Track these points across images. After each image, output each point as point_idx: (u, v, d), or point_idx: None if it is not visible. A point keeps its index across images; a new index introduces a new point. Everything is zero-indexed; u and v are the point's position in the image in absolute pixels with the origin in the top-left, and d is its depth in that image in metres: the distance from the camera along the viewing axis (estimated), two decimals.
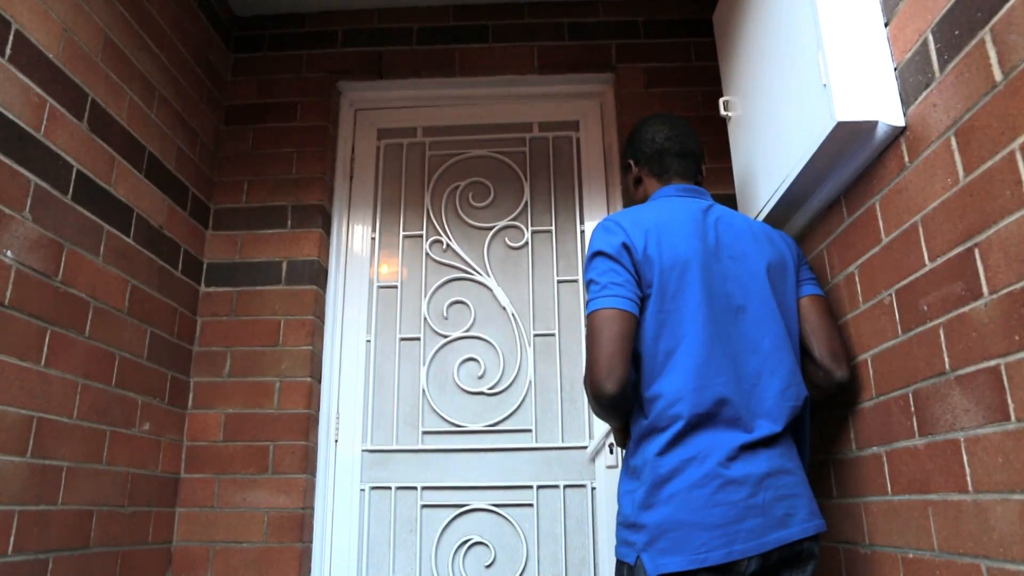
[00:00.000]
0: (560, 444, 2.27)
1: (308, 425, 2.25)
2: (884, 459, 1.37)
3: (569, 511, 2.21)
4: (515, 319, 2.40)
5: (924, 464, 1.22)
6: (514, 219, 2.51)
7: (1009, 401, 1.00)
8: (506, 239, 2.50)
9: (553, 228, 2.48)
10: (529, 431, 2.30)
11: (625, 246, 1.35)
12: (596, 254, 1.38)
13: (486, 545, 2.20)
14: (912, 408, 1.26)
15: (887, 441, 1.35)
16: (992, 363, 1.03)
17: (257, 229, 2.43)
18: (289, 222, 2.43)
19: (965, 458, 1.11)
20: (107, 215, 1.83)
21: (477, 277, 2.46)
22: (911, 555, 1.27)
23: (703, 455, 1.25)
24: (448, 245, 2.50)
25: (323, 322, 2.42)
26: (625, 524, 1.29)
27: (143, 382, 1.97)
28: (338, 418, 2.36)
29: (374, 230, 2.55)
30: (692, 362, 1.29)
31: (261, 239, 2.42)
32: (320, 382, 2.36)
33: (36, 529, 1.54)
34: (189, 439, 2.23)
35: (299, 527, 2.15)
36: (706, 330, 1.31)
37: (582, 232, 2.47)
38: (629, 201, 2.37)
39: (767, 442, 1.29)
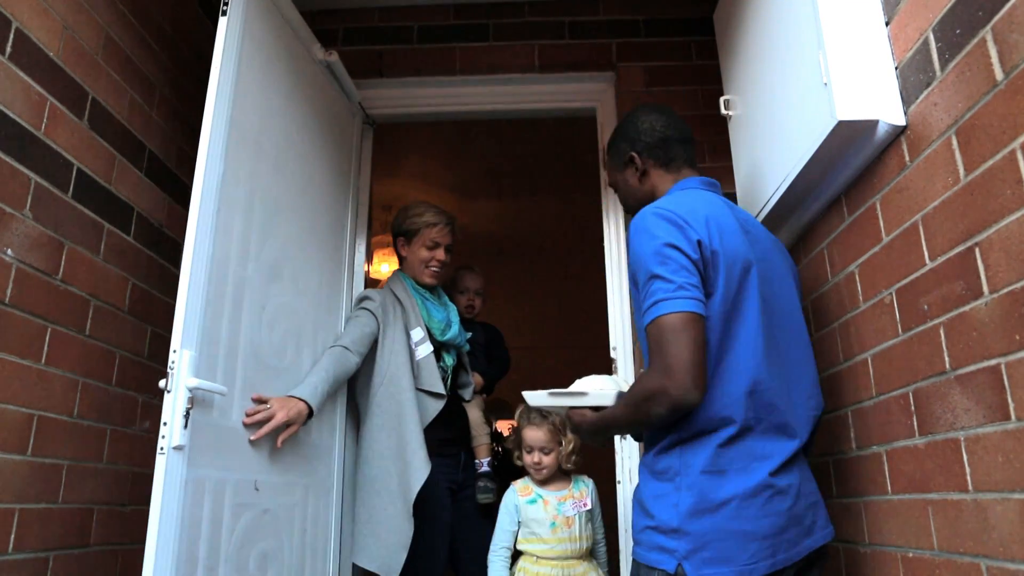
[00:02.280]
0: None
1: None
2: (884, 458, 1.37)
3: None
4: None
5: (924, 463, 1.22)
6: None
7: (1009, 400, 1.00)
8: None
9: None
10: None
11: (700, 244, 1.25)
12: (668, 246, 1.23)
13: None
14: (912, 407, 1.26)
15: (887, 440, 1.35)
16: (992, 362, 1.03)
17: None
18: None
19: (965, 457, 1.11)
20: (107, 213, 1.83)
21: None
22: (911, 554, 1.27)
23: (756, 463, 1.22)
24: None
25: None
26: (661, 529, 1.22)
27: (143, 381, 1.96)
28: None
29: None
30: (749, 365, 1.25)
31: None
32: None
33: (36, 527, 1.54)
34: None
35: None
36: (762, 333, 1.28)
37: None
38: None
39: (800, 450, 1.30)
